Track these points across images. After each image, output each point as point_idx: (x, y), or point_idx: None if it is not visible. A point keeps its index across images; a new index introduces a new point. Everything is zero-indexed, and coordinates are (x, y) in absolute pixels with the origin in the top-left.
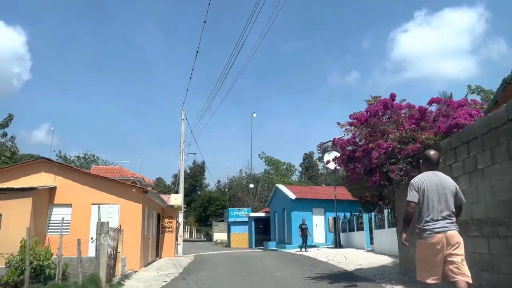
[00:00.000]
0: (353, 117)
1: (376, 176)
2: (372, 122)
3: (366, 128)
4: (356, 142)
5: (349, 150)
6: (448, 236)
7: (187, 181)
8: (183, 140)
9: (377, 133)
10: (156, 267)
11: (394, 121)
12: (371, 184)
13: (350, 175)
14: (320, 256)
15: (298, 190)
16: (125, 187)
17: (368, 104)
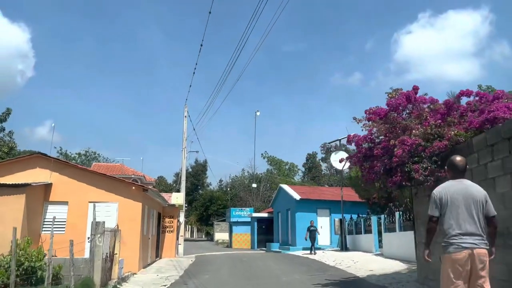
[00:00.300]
0: (370, 112)
1: (397, 176)
2: (392, 117)
3: (385, 123)
4: (373, 139)
5: (365, 148)
6: (475, 254)
7: (188, 180)
8: (185, 137)
9: (397, 129)
10: (156, 268)
11: (417, 116)
12: (390, 184)
13: (366, 174)
14: (327, 259)
15: (303, 191)
16: (124, 184)
17: (389, 97)
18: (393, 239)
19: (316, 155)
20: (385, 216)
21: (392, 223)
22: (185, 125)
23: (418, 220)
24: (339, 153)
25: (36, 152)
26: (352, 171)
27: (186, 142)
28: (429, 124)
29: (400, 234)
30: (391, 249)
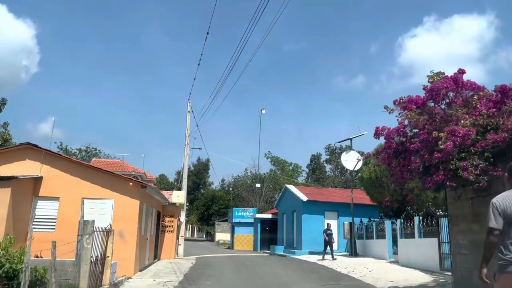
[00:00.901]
0: (401, 100)
1: (439, 174)
2: (428, 106)
3: (424, 113)
4: (406, 132)
5: (396, 143)
6: None
7: (190, 179)
8: (188, 133)
9: (436, 120)
10: (153, 272)
11: (464, 104)
12: (430, 185)
13: (398, 173)
14: (338, 266)
15: (310, 192)
16: (120, 180)
17: (429, 82)
18: (411, 246)
19: (320, 156)
20: (401, 221)
21: (410, 228)
22: (188, 121)
23: (455, 226)
24: (350, 153)
25: (25, 143)
26: (364, 171)
27: (189, 139)
28: (479, 113)
29: (420, 241)
30: (409, 256)
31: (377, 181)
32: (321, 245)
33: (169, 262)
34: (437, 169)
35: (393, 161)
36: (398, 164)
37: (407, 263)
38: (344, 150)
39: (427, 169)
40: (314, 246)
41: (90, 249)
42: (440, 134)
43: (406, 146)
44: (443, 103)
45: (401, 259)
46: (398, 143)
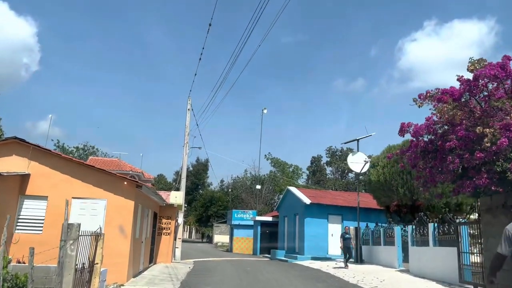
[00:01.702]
0: (429, 94)
1: (482, 177)
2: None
3: (461, 106)
4: (436, 129)
5: (424, 141)
6: None
7: (189, 179)
8: (187, 132)
9: (476, 115)
10: (148, 278)
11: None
12: (468, 189)
13: (427, 175)
14: (345, 274)
15: (313, 194)
16: (114, 179)
17: (469, 70)
18: (424, 255)
19: (321, 158)
20: (413, 227)
21: (423, 235)
22: (188, 119)
23: (490, 238)
24: (357, 154)
25: (12, 137)
26: (372, 174)
27: (189, 137)
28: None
29: (436, 249)
30: (421, 266)
31: (385, 184)
32: (324, 251)
33: (165, 267)
34: (478, 171)
35: (421, 162)
36: (426, 164)
37: (419, 272)
38: (346, 152)
39: (465, 171)
40: (317, 251)
41: (74, 256)
42: (485, 130)
43: (437, 145)
44: (480, 95)
45: (413, 268)
46: (427, 142)
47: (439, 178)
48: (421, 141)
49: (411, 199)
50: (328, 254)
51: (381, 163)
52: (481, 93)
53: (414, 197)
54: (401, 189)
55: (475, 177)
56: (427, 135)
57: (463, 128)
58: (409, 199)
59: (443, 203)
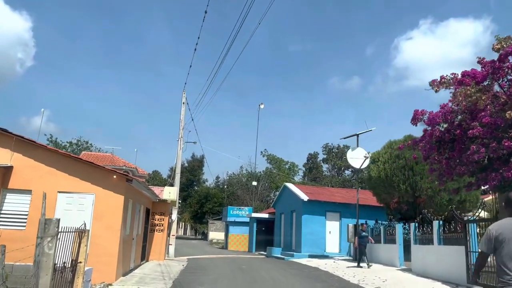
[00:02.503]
0: (443, 80)
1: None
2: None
3: (484, 90)
4: (453, 118)
5: (439, 130)
6: None
7: (184, 175)
8: (182, 126)
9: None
10: (139, 277)
11: None
12: (494, 182)
13: (442, 167)
14: (345, 273)
15: (311, 191)
16: (103, 172)
17: (495, 50)
18: (428, 254)
19: (317, 155)
20: (415, 225)
21: (428, 233)
22: (183, 112)
23: None
24: (356, 150)
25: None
26: (373, 170)
27: (183, 132)
28: None
29: (441, 248)
30: (425, 265)
31: (386, 180)
32: (321, 248)
33: (158, 265)
34: (506, 162)
35: (435, 153)
36: (442, 156)
37: (422, 272)
38: (342, 149)
39: (490, 162)
40: (314, 249)
41: (52, 255)
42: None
43: (455, 134)
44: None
45: (415, 267)
46: (444, 131)
47: (459, 170)
48: (436, 130)
49: (413, 196)
50: (326, 252)
51: (382, 158)
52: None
53: (416, 194)
54: (402, 185)
55: (502, 168)
56: (443, 124)
57: (487, 114)
58: (411, 196)
59: (445, 200)
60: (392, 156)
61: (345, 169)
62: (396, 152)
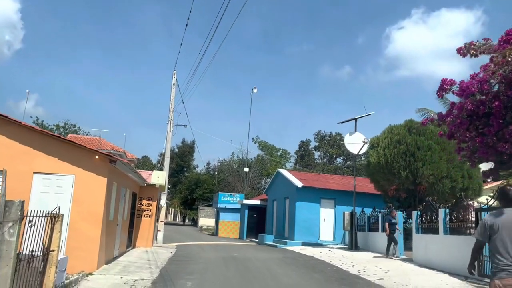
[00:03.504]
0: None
1: None
2: None
3: None
4: (488, 89)
5: (471, 103)
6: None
7: (174, 161)
8: (172, 108)
9: None
10: (123, 265)
11: None
12: None
13: (474, 144)
14: (342, 263)
15: (305, 177)
16: (84, 152)
17: None
18: (432, 244)
19: (309, 143)
20: (418, 213)
21: (432, 222)
22: (173, 94)
23: None
24: (355, 135)
25: None
26: (372, 156)
27: (173, 114)
28: None
29: (447, 238)
30: (428, 255)
31: (386, 166)
32: (315, 236)
33: (145, 252)
34: None
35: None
36: (475, 132)
37: (425, 262)
38: (334, 137)
39: None
40: (308, 237)
41: (14, 243)
42: None
43: (491, 107)
44: None
45: (417, 257)
46: (477, 103)
47: (501, 147)
48: (468, 102)
49: (414, 183)
50: (319, 240)
51: (382, 143)
52: None
53: (417, 181)
54: (403, 171)
55: None
56: (478, 95)
57: None
58: (411, 183)
59: (448, 188)
60: (392, 141)
61: (337, 157)
62: (396, 137)
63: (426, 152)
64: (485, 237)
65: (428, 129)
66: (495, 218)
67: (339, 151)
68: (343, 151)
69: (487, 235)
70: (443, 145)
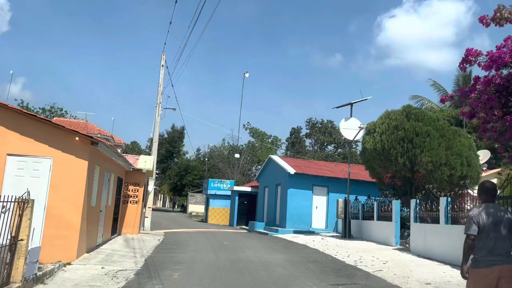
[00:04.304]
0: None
1: None
2: None
3: None
4: None
5: (499, 76)
6: (504, 269)
7: (163, 146)
8: (161, 90)
9: None
10: (106, 254)
11: None
12: None
13: (505, 124)
14: (337, 252)
15: (297, 164)
16: (63, 133)
17: None
18: (432, 233)
19: (300, 130)
20: (417, 201)
21: (432, 211)
22: (162, 76)
23: None
24: (350, 120)
25: None
26: (368, 142)
27: (162, 97)
28: None
29: (449, 228)
30: (427, 245)
31: (383, 153)
32: (307, 224)
33: (130, 239)
34: None
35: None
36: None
37: (424, 253)
38: (326, 124)
39: None
40: (300, 224)
41: None
42: None
43: None
44: None
45: (415, 247)
46: (508, 77)
47: None
48: (496, 75)
49: (411, 170)
50: (312, 227)
51: (379, 129)
52: None
53: (415, 168)
54: (400, 158)
55: None
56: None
57: None
58: (408, 170)
59: (446, 176)
60: (390, 126)
61: (328, 144)
62: (394, 123)
63: (425, 138)
64: (475, 230)
65: (426, 115)
66: (480, 213)
67: (330, 138)
68: (334, 138)
69: (476, 229)
70: (442, 132)
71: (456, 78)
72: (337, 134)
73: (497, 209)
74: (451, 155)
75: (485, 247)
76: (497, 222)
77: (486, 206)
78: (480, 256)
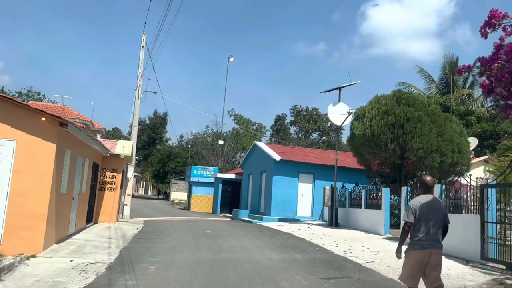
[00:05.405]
0: None
1: None
2: None
3: None
4: None
5: None
6: (433, 252)
7: (145, 132)
8: (141, 72)
9: None
10: (77, 245)
11: None
12: None
13: None
14: (325, 242)
15: (283, 150)
16: (27, 112)
17: None
18: None
19: (285, 117)
20: (408, 189)
21: None
22: (142, 57)
23: None
24: (338, 104)
25: None
26: (357, 127)
27: (142, 80)
28: None
29: None
30: None
31: (372, 139)
32: (292, 212)
33: (107, 228)
34: None
35: None
36: None
37: None
38: (311, 112)
39: None
40: (285, 212)
41: None
42: None
43: None
44: None
45: None
46: None
47: None
48: None
49: (401, 157)
50: (297, 215)
51: (368, 114)
52: None
53: (405, 155)
54: (390, 144)
55: None
56: None
57: None
58: (398, 157)
59: (437, 162)
60: (380, 112)
61: (313, 132)
62: (384, 108)
63: (416, 124)
64: (413, 218)
65: (417, 100)
66: (418, 203)
67: (315, 126)
68: (319, 126)
69: (414, 217)
70: (434, 117)
71: (443, 65)
72: (322, 121)
73: (433, 200)
74: (443, 142)
75: (420, 232)
76: (431, 211)
77: (423, 197)
78: (416, 239)
